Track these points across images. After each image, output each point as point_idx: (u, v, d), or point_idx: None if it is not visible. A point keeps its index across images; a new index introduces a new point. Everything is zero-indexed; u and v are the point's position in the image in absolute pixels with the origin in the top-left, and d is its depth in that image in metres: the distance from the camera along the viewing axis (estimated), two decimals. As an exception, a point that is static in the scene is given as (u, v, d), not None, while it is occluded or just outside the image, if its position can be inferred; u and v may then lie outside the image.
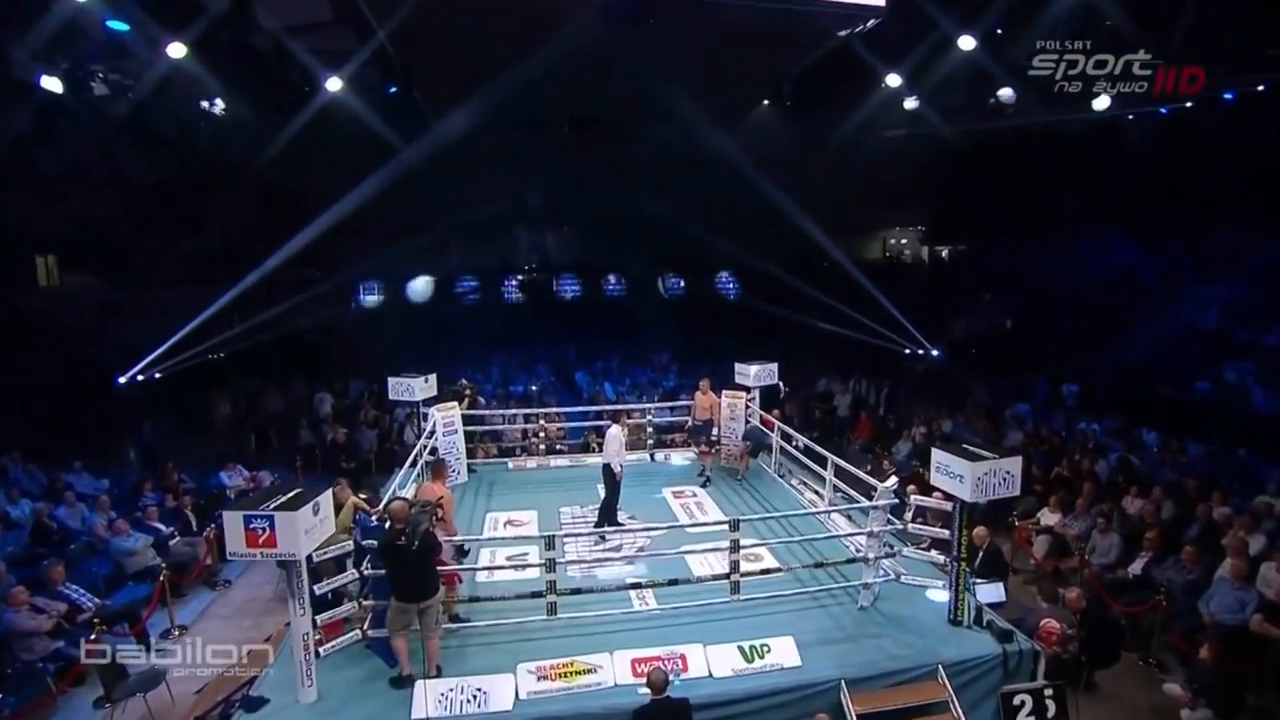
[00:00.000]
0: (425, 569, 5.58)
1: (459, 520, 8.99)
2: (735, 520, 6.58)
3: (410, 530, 5.49)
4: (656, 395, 16.09)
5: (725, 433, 10.93)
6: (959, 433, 12.09)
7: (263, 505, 5.00)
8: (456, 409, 10.47)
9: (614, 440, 8.43)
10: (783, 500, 9.42)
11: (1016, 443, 11.27)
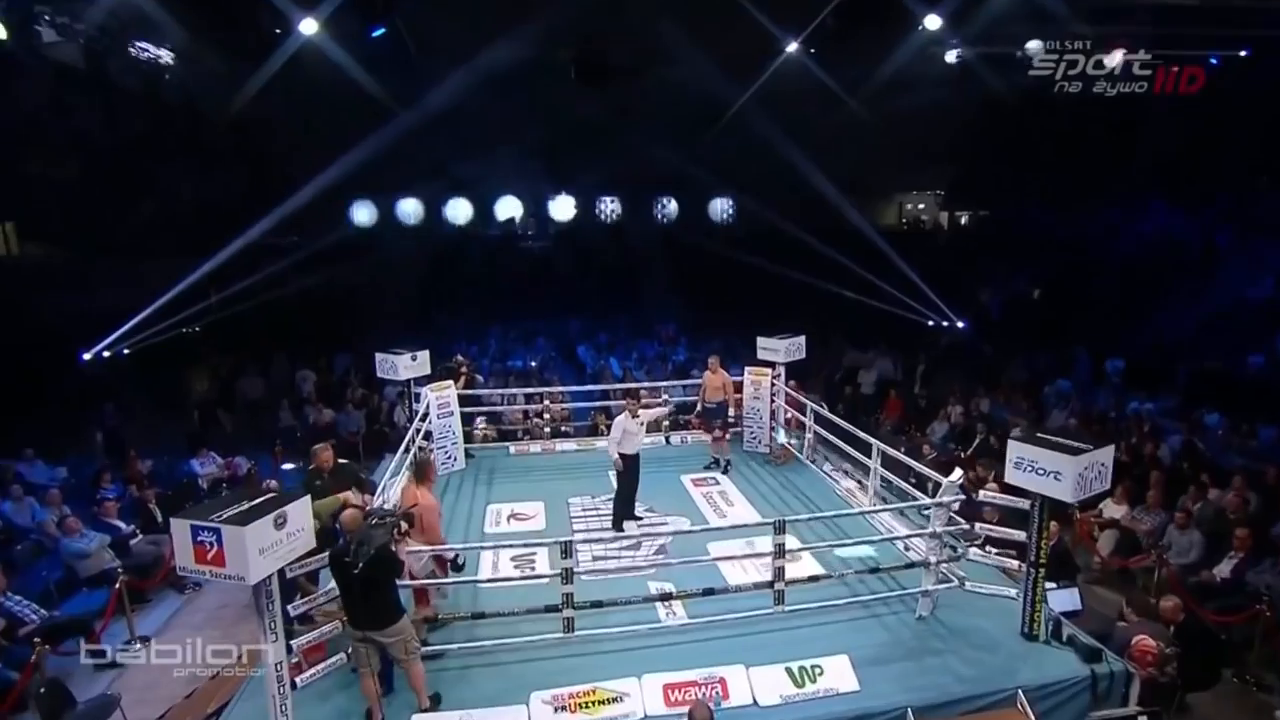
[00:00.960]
0: (372, 596, 4.69)
1: (456, 512, 8.23)
2: (780, 521, 5.77)
3: (357, 547, 4.63)
4: (667, 370, 15.29)
5: (748, 412, 10.14)
6: (998, 413, 11.32)
7: (215, 513, 4.16)
8: (452, 388, 9.62)
9: (618, 429, 7.62)
10: (818, 490, 8.68)
11: (1061, 424, 10.50)
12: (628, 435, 7.64)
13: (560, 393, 10.69)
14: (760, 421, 10.08)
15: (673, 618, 5.94)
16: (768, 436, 10.04)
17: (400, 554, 4.90)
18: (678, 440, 10.61)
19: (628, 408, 7.73)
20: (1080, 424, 10.13)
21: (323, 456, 6.35)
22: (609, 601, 5.58)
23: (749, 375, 10.12)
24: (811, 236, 18.67)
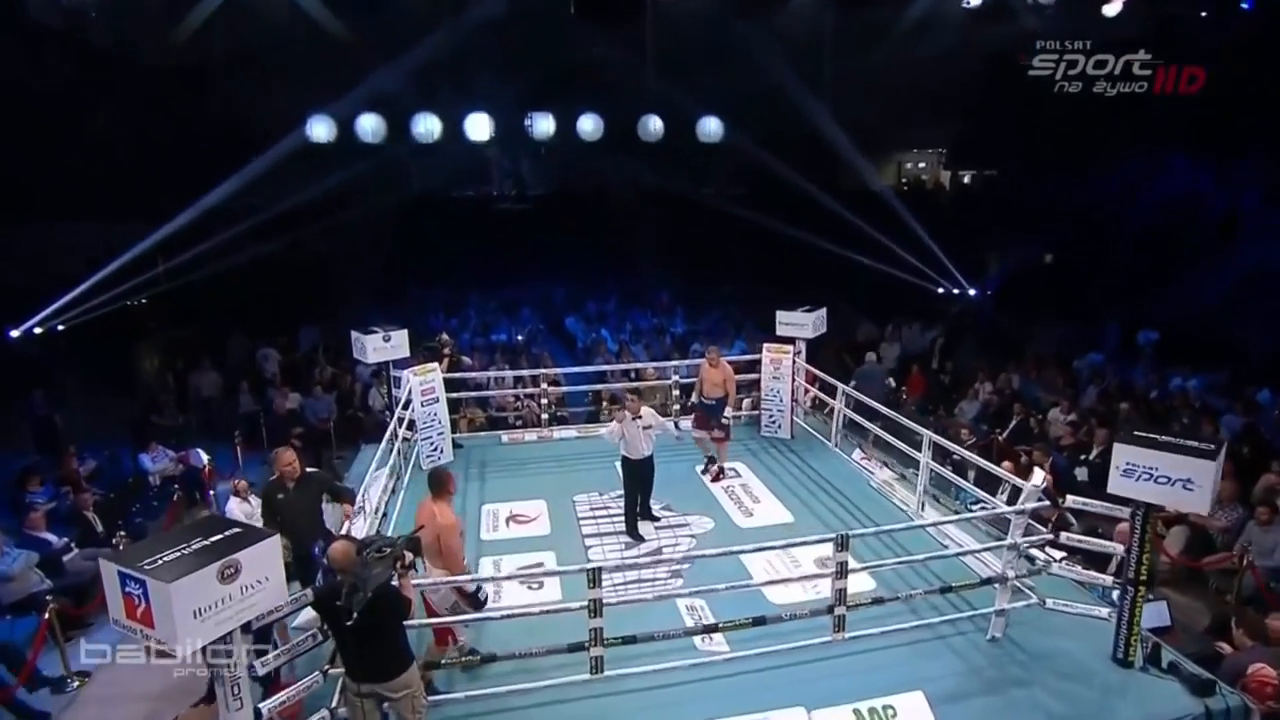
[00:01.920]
0: (374, 644, 3.90)
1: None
2: (843, 536, 5.02)
3: (349, 589, 3.76)
4: (665, 344, 14.47)
5: (766, 394, 9.38)
6: (1028, 390, 10.72)
7: (156, 554, 3.29)
8: (437, 372, 8.70)
9: (614, 436, 6.86)
10: (850, 482, 8.00)
11: (1093, 403, 9.90)
12: (628, 442, 6.86)
13: (556, 374, 9.78)
14: (780, 404, 9.35)
15: (709, 644, 5.22)
16: (789, 420, 9.31)
17: (406, 589, 4.06)
18: (688, 425, 9.77)
19: (626, 407, 6.89)
20: (1126, 405, 9.51)
21: (285, 461, 5.36)
22: (644, 636, 4.81)
23: (768, 353, 9.39)
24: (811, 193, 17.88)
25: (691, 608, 5.68)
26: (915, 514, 6.92)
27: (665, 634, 4.84)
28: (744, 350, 13.44)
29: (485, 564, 6.55)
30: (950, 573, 5.79)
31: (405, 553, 4.09)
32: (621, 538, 6.98)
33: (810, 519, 7.23)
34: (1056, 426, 9.21)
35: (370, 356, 8.67)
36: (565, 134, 20.40)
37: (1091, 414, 9.25)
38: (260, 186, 15.64)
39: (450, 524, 4.77)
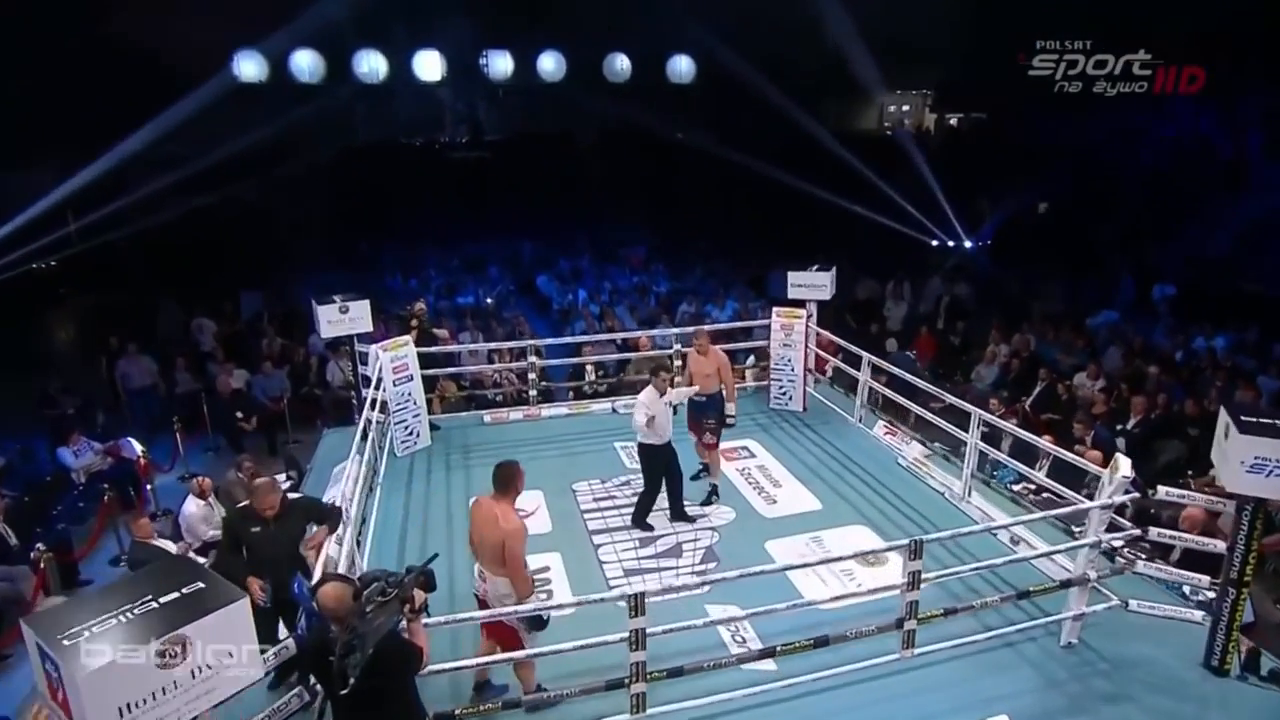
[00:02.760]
0: (380, 706, 3.18)
1: (432, 510, 6.74)
2: (916, 542, 4.45)
3: (344, 647, 3.06)
4: (650, 306, 13.74)
5: (776, 362, 8.78)
6: (1046, 351, 10.35)
7: (71, 625, 2.54)
8: (410, 347, 7.86)
9: (641, 411, 6.04)
10: (880, 462, 7.50)
11: (1117, 365, 9.57)
12: (656, 419, 6.10)
13: (542, 345, 8.99)
14: (792, 374, 8.76)
15: (758, 666, 4.66)
16: (802, 392, 8.75)
17: (417, 637, 3.37)
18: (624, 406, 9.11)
19: (654, 384, 6.14)
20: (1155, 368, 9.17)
21: (267, 503, 4.43)
22: (693, 667, 4.20)
23: (778, 318, 8.76)
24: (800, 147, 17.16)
25: (729, 614, 5.14)
26: (960, 498, 6.43)
27: (716, 663, 4.25)
28: (736, 312, 12.95)
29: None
30: (1018, 575, 5.33)
31: (416, 592, 3.37)
32: (634, 534, 6.36)
33: (840, 505, 6.74)
34: (1085, 393, 8.85)
35: (325, 330, 7.79)
36: (524, 74, 19.18)
37: (1121, 379, 8.90)
38: (185, 133, 14.20)
39: (517, 528, 4.13)
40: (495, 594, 4.18)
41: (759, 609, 4.49)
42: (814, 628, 4.80)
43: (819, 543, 6.17)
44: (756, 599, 5.30)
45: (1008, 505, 6.39)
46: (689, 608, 5.24)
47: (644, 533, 6.33)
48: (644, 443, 6.21)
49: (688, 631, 4.49)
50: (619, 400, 8.99)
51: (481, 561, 4.22)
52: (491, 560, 4.15)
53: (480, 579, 4.27)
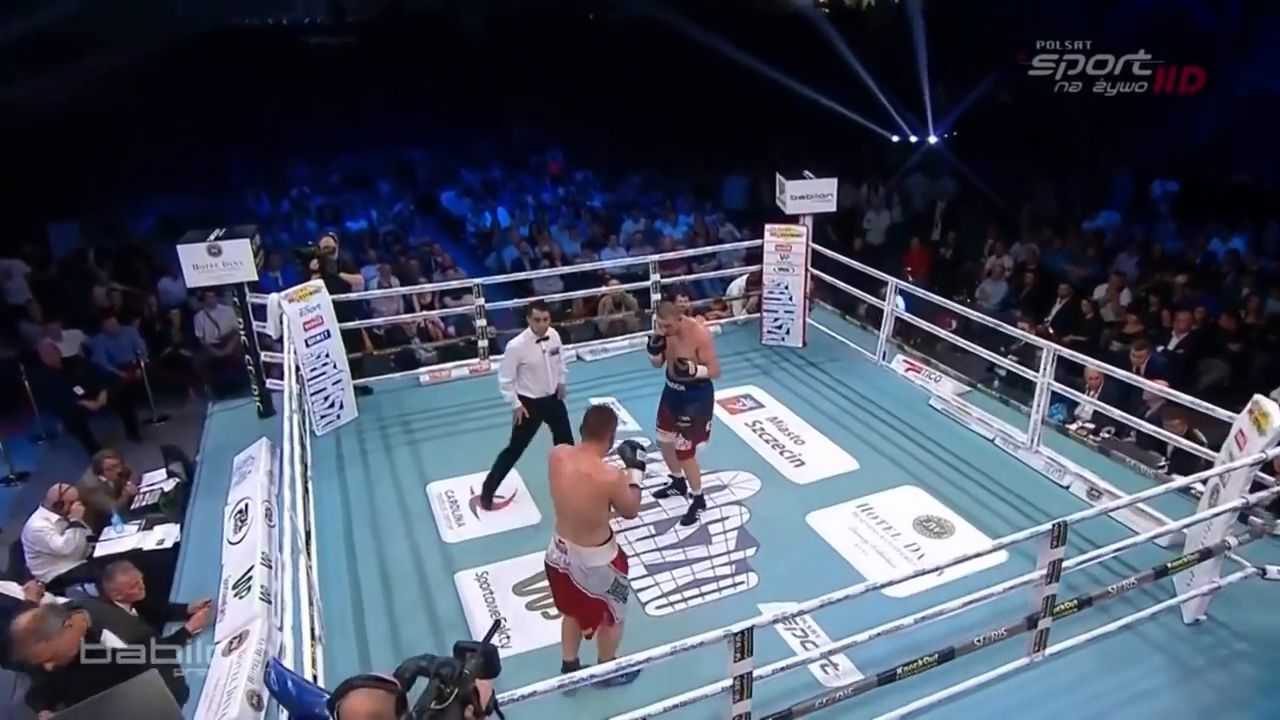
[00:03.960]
0: None
1: (380, 504, 5.82)
2: (1060, 525, 3.97)
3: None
4: (589, 223, 12.75)
5: (770, 291, 8.15)
6: (1052, 261, 10.21)
7: None
8: (323, 295, 6.72)
9: (512, 358, 5.48)
10: (910, 405, 7.06)
11: (1133, 275, 9.50)
12: (528, 368, 5.47)
13: (481, 283, 7.94)
14: (790, 304, 8.17)
15: (832, 674, 4.18)
16: (801, 324, 8.20)
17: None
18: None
19: (531, 325, 5.48)
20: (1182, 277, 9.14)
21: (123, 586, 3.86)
22: (802, 708, 3.62)
23: (772, 238, 8.09)
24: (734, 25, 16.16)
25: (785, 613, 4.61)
26: (1026, 446, 6.08)
27: (830, 699, 3.69)
28: (690, 229, 12.24)
29: (466, 581, 5.08)
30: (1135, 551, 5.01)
31: (480, 684, 2.58)
32: (644, 518, 5.68)
33: (880, 463, 6.27)
34: (1112, 309, 8.73)
35: (193, 278, 6.59)
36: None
37: (1145, 291, 8.82)
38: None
39: (614, 479, 3.83)
40: (583, 566, 3.89)
41: (885, 625, 3.87)
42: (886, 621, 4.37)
43: (869, 512, 5.68)
44: (816, 590, 4.87)
45: (1077, 450, 6.08)
46: (737, 608, 4.71)
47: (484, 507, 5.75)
48: (522, 395, 5.55)
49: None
50: (586, 345, 8.18)
51: (562, 528, 3.94)
52: (579, 526, 3.86)
53: (559, 549, 3.95)
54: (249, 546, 5.28)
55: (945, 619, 3.94)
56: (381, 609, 4.86)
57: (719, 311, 9.03)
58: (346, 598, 4.89)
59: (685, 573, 5.17)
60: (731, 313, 8.95)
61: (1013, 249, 10.45)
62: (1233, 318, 7.88)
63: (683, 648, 3.27)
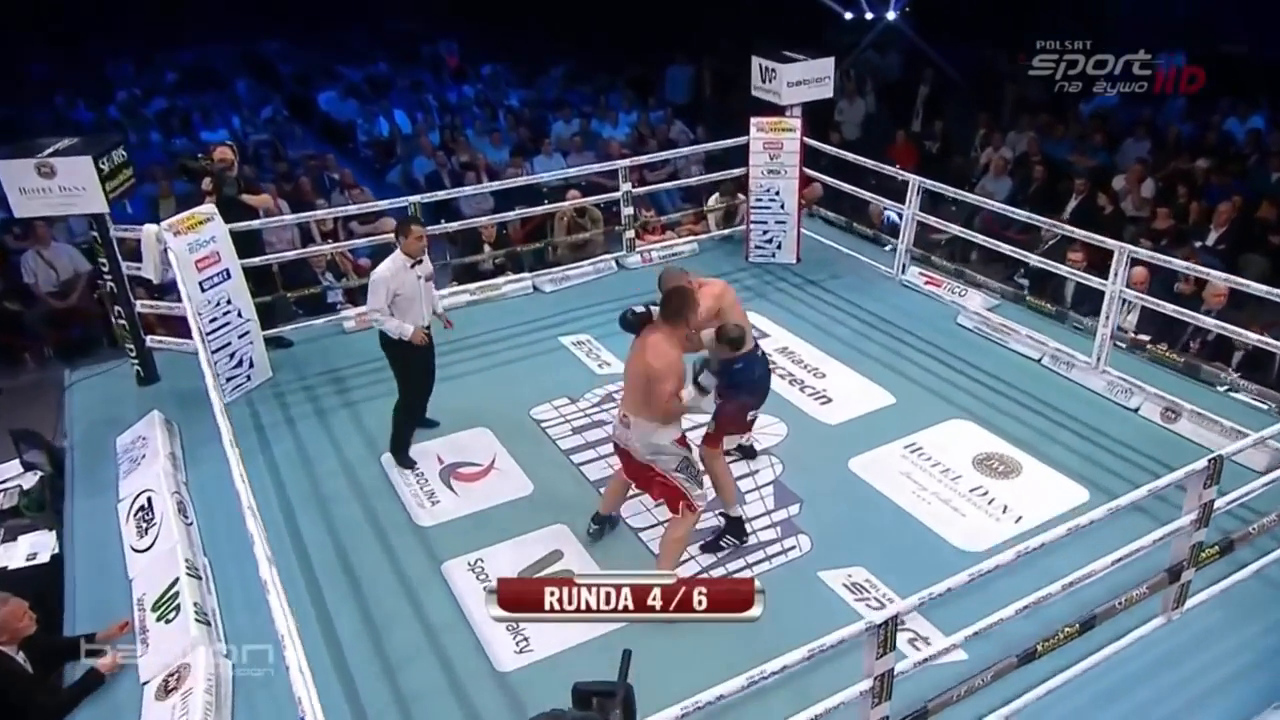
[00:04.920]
0: None
1: (327, 490, 5.27)
2: (1216, 460, 3.77)
3: None
4: (513, 127, 11.96)
5: (759, 197, 7.78)
6: (1053, 150, 10.15)
7: None
8: (217, 223, 5.93)
9: (381, 289, 5.07)
10: (937, 325, 6.90)
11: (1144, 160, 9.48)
12: (403, 300, 5.10)
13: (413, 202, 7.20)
14: (782, 213, 7.82)
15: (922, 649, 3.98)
16: (795, 237, 7.87)
17: None
18: (637, 260, 7.95)
19: (401, 246, 5.09)
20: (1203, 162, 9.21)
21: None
22: (938, 705, 3.35)
23: (759, 134, 7.67)
24: None
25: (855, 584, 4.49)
26: (1094, 367, 5.96)
27: (969, 688, 3.43)
28: (634, 129, 11.70)
29: (457, 573, 4.62)
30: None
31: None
32: None
33: (918, 394, 6.11)
34: (1133, 202, 8.72)
35: (20, 206, 5.76)
36: None
37: (1166, 180, 8.85)
38: None
39: (660, 366, 4.05)
40: (645, 441, 4.17)
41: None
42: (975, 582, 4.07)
43: (920, 453, 5.51)
44: (881, 550, 4.70)
45: (1146, 369, 6.00)
46: (794, 580, 4.54)
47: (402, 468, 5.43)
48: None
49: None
50: (541, 275, 7.63)
51: (625, 401, 4.30)
52: (636, 401, 4.17)
53: (622, 424, 4.27)
54: (164, 553, 4.67)
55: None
56: (356, 618, 4.38)
57: (693, 226, 8.61)
58: (309, 610, 4.33)
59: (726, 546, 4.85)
60: (708, 227, 8.53)
61: (1009, 139, 10.31)
62: (1274, 205, 7.95)
63: (821, 650, 2.91)
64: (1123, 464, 5.32)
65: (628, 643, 2.45)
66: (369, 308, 5.13)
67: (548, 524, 4.94)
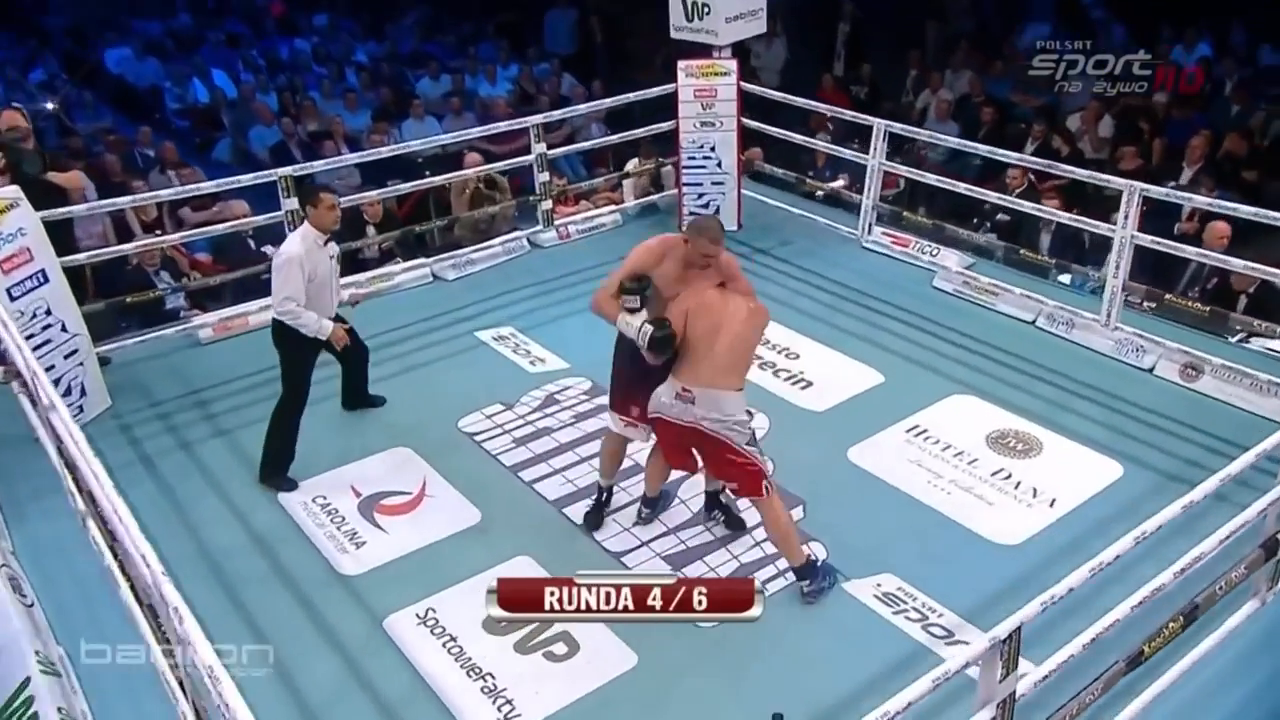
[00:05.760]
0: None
1: (211, 539, 4.73)
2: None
3: None
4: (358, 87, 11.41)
5: (691, 155, 7.63)
6: (995, 89, 10.44)
7: None
8: (24, 210, 5.27)
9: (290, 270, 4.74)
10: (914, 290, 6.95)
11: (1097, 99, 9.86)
12: (315, 286, 4.85)
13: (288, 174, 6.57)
14: (720, 171, 7.72)
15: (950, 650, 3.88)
16: (736, 199, 7.75)
17: None
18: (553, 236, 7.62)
19: (311, 217, 4.84)
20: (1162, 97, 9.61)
21: None
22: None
23: (689, 80, 7.53)
24: None
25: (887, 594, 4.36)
26: (1105, 324, 6.04)
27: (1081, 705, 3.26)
28: (516, 81, 11.38)
29: (404, 629, 4.19)
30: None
31: None
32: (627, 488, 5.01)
33: (908, 370, 6.08)
34: (1091, 143, 8.97)
35: None
36: None
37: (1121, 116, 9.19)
38: None
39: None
40: (724, 414, 4.12)
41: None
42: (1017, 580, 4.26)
43: (925, 436, 5.45)
44: (910, 552, 4.58)
45: (1149, 324, 6.11)
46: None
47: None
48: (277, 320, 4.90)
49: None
50: (442, 259, 7.21)
51: (694, 373, 4.13)
52: (720, 367, 4.14)
53: (681, 400, 4.13)
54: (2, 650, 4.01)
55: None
56: (289, 705, 3.86)
57: (611, 194, 8.37)
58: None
59: (722, 557, 4.67)
60: (624, 195, 8.31)
61: (946, 80, 10.54)
62: (1245, 138, 8.34)
63: (946, 676, 2.68)
64: (1150, 431, 5.39)
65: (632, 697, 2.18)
66: (281, 296, 4.68)
67: (507, 557, 4.56)
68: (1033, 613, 2.87)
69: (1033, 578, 4.30)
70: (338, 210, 4.86)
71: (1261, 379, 5.32)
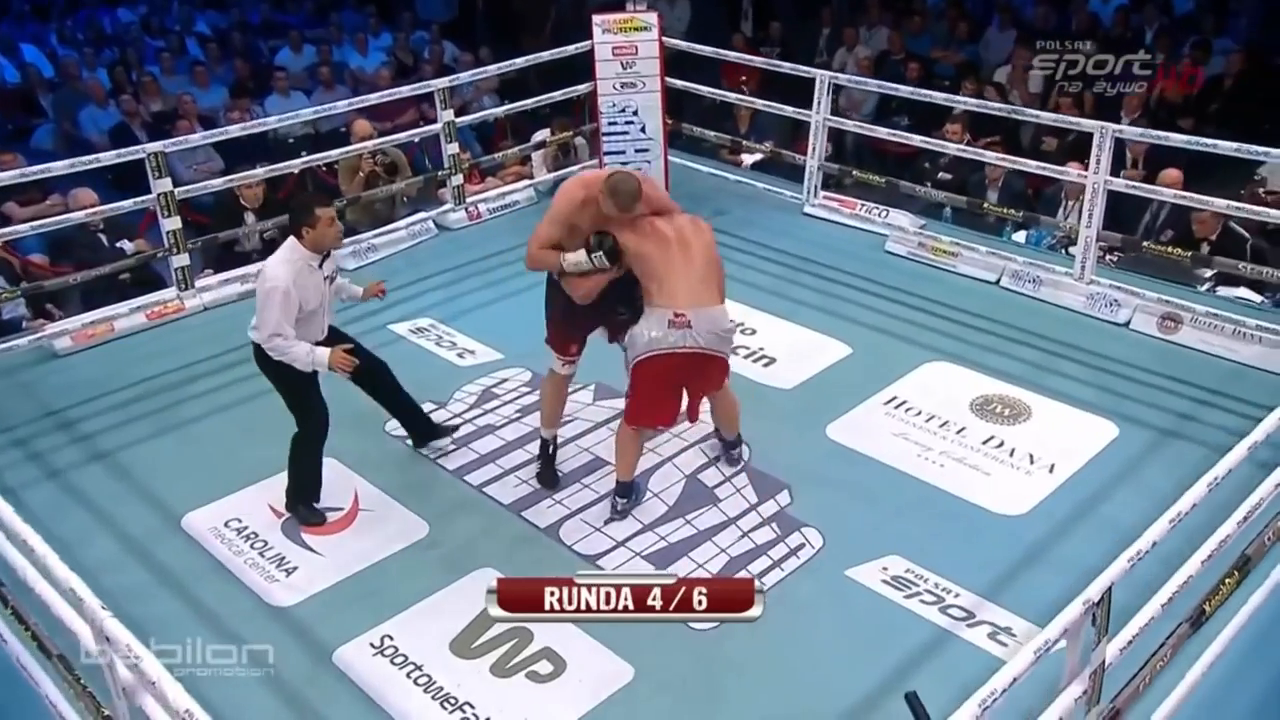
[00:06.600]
0: None
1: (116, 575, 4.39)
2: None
3: None
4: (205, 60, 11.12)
5: (611, 119, 7.67)
6: (916, 46, 10.66)
7: None
8: None
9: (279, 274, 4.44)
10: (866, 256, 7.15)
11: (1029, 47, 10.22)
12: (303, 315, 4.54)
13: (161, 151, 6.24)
14: (644, 137, 7.78)
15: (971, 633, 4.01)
16: (663, 165, 7.75)
17: None
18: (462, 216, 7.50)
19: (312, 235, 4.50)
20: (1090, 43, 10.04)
21: None
22: (1126, 698, 3.19)
23: (606, 35, 7.54)
24: None
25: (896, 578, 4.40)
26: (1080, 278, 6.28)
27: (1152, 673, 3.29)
28: (391, 52, 11.35)
29: (358, 660, 4.00)
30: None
31: None
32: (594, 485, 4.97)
33: (876, 340, 6.21)
34: (1021, 97, 9.36)
35: None
36: None
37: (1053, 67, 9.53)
38: None
39: None
40: (723, 328, 4.48)
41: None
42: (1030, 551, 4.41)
43: (906, 408, 5.57)
44: (912, 530, 4.65)
45: (1119, 276, 6.38)
46: (820, 586, 4.38)
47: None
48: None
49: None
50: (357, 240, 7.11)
51: (686, 296, 4.36)
52: (709, 281, 4.50)
53: (675, 326, 4.30)
54: None
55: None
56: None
57: (520, 168, 8.25)
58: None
59: (709, 551, 4.63)
60: (532, 170, 8.24)
61: (862, 36, 10.77)
62: (1183, 85, 8.74)
63: (1046, 647, 2.65)
64: (1138, 388, 5.61)
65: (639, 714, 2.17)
66: (268, 332, 4.35)
67: (467, 570, 4.44)
68: (1120, 570, 2.87)
69: (1048, 547, 4.43)
70: (337, 227, 4.65)
71: (1249, 324, 5.55)
